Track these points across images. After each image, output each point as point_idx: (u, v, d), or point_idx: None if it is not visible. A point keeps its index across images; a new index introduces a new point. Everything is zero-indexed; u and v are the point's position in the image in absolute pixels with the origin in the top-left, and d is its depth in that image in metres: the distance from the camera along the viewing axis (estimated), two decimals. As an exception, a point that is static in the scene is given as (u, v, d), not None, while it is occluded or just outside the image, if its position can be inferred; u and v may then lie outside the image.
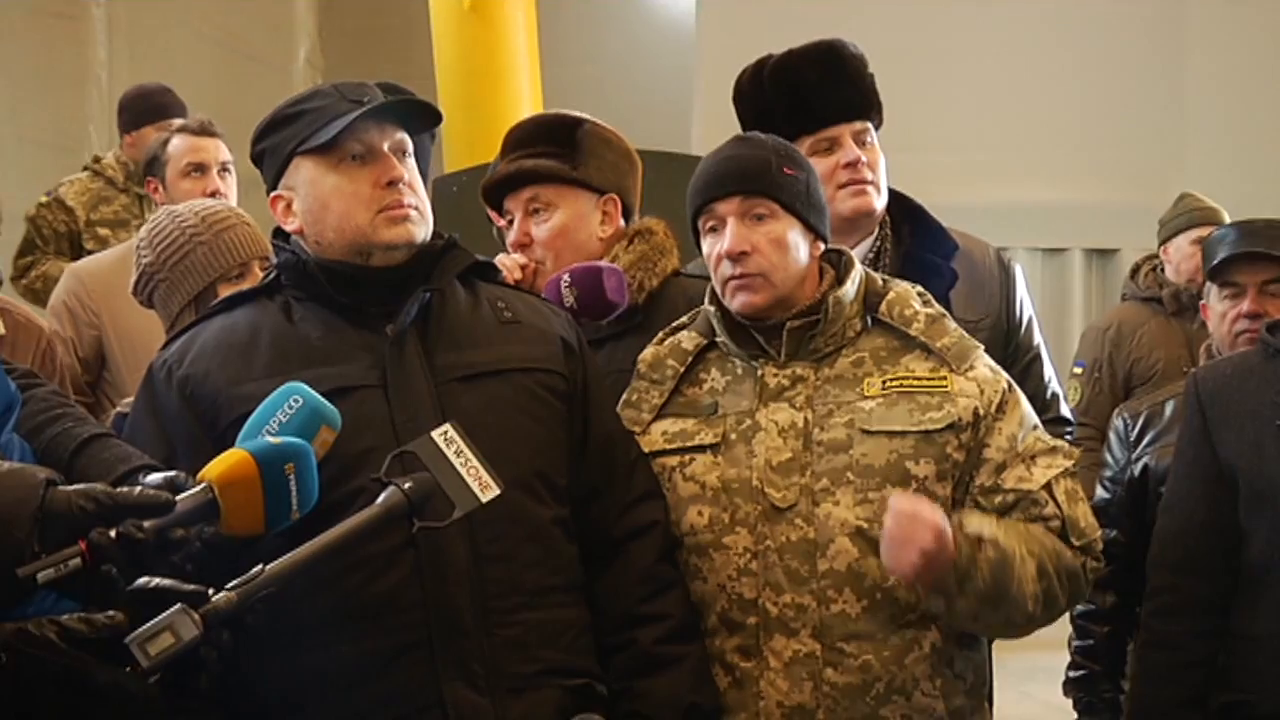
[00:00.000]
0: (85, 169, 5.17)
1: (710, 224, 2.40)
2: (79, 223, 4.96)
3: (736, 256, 2.35)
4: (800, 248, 2.39)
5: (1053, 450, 2.37)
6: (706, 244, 2.41)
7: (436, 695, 2.07)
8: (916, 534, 2.15)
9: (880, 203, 2.88)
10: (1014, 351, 2.99)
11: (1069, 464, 2.38)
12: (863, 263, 2.55)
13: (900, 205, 2.96)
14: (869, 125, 2.88)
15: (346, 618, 2.06)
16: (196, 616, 1.68)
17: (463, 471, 1.96)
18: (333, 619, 2.06)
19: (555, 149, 2.75)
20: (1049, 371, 3.09)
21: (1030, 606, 2.27)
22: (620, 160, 2.82)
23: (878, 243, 2.90)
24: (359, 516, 1.89)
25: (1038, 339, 3.09)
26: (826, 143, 2.83)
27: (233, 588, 1.73)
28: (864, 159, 2.83)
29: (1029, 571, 2.26)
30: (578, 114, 2.84)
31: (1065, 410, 3.12)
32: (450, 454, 1.97)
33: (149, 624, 1.67)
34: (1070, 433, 3.09)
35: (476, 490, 1.96)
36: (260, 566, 1.77)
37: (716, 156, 2.43)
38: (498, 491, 1.97)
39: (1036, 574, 2.26)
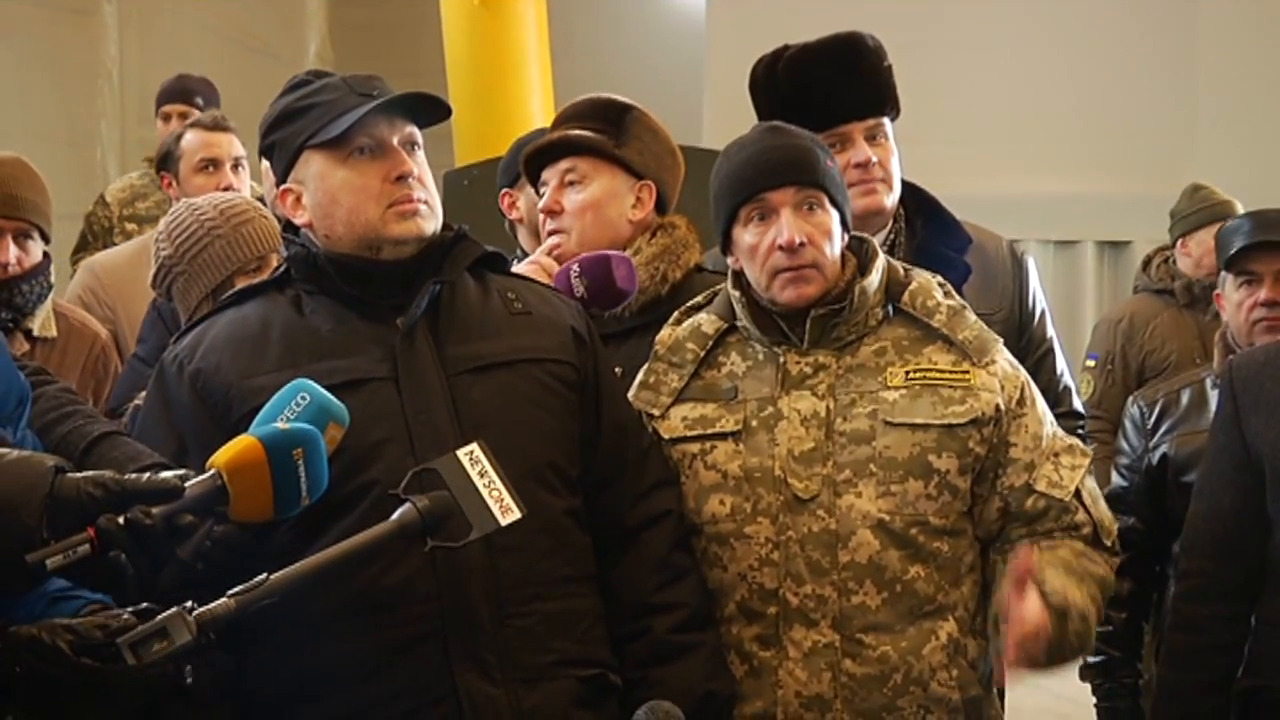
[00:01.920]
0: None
1: (756, 213, 2.36)
2: (113, 218, 5.02)
3: (795, 247, 2.32)
4: (839, 239, 2.38)
5: (1071, 449, 2.39)
6: (750, 234, 2.36)
7: (450, 686, 2.06)
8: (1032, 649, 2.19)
9: (891, 200, 2.86)
10: (1026, 345, 2.97)
11: (1087, 462, 2.40)
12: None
13: (914, 198, 2.94)
14: (882, 120, 2.85)
15: (360, 609, 2.05)
16: (192, 621, 1.67)
17: (485, 493, 1.93)
18: (346, 611, 2.05)
19: (601, 125, 2.75)
20: (1061, 365, 3.08)
21: (1092, 643, 2.35)
22: (664, 153, 2.80)
23: (891, 235, 2.88)
24: (370, 532, 1.87)
25: (1050, 332, 3.08)
26: (837, 140, 2.79)
27: (233, 595, 1.72)
28: (874, 158, 2.80)
29: (1095, 617, 2.31)
30: (632, 102, 2.83)
31: (1077, 404, 3.12)
32: (474, 474, 1.93)
33: (142, 626, 1.67)
34: (1081, 427, 3.09)
35: (497, 513, 1.92)
36: (264, 575, 1.75)
37: (758, 145, 2.39)
38: (518, 515, 1.94)
39: (1097, 615, 2.32)
